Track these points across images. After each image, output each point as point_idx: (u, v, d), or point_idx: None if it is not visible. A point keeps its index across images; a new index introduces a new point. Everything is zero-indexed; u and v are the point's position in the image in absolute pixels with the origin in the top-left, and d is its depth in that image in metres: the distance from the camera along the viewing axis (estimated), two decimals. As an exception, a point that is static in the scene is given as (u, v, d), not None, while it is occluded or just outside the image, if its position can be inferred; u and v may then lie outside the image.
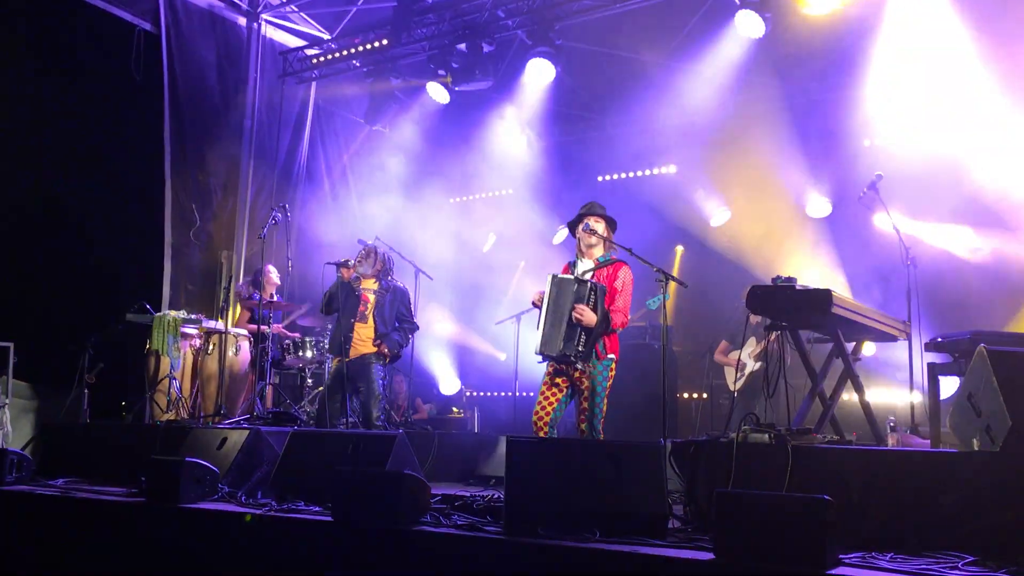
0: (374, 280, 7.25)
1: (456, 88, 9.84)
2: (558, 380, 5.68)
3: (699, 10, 9.37)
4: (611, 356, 5.64)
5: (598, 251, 5.84)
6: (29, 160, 8.53)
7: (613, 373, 5.67)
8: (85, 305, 8.52)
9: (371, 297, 7.16)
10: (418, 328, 7.59)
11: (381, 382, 7.01)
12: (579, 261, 5.90)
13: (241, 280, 8.65)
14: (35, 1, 8.68)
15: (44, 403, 8.21)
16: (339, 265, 7.15)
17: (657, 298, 8.06)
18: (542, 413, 5.63)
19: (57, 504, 5.22)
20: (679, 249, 10.54)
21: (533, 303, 5.83)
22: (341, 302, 7.16)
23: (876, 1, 8.32)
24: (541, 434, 5.57)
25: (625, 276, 5.73)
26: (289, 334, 8.74)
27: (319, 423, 7.02)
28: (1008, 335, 5.01)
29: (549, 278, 5.67)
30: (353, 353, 6.99)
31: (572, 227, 5.99)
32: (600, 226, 5.85)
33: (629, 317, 5.78)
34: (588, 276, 5.69)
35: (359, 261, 7.23)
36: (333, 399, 6.93)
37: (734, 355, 8.38)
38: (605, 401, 5.58)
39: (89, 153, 8.94)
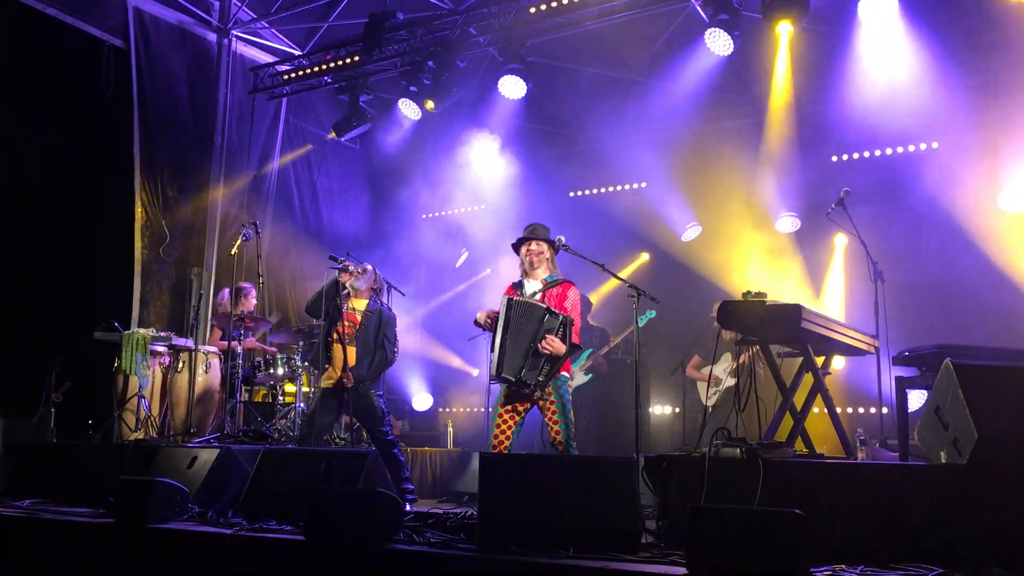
0: (365, 299, 7.02)
1: (437, 111, 9.83)
2: (516, 403, 5.64)
3: (669, 28, 9.46)
4: (564, 375, 5.64)
5: (543, 272, 5.88)
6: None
7: (571, 385, 5.73)
8: (52, 322, 8.41)
9: (358, 318, 6.88)
10: (392, 362, 7.05)
11: (380, 400, 6.82)
12: (525, 282, 5.91)
13: (226, 294, 8.50)
14: (1, 16, 8.60)
15: (9, 422, 8.07)
16: (341, 269, 6.87)
17: (647, 315, 8.11)
18: (501, 437, 5.59)
19: (24, 526, 5.14)
20: (644, 256, 10.63)
21: (476, 322, 5.81)
22: (327, 314, 6.91)
23: (844, 19, 8.45)
24: None
25: (574, 296, 5.77)
26: (267, 348, 8.69)
27: (303, 442, 6.75)
28: (974, 348, 5.08)
29: (505, 300, 5.65)
30: (334, 376, 6.73)
31: (516, 248, 6.03)
32: (543, 246, 5.89)
33: (580, 339, 5.79)
34: (537, 296, 5.71)
35: (356, 275, 6.99)
36: (321, 418, 6.68)
37: (706, 370, 8.43)
38: (571, 412, 5.60)
39: (57, 169, 8.85)
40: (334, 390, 6.72)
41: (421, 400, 11.63)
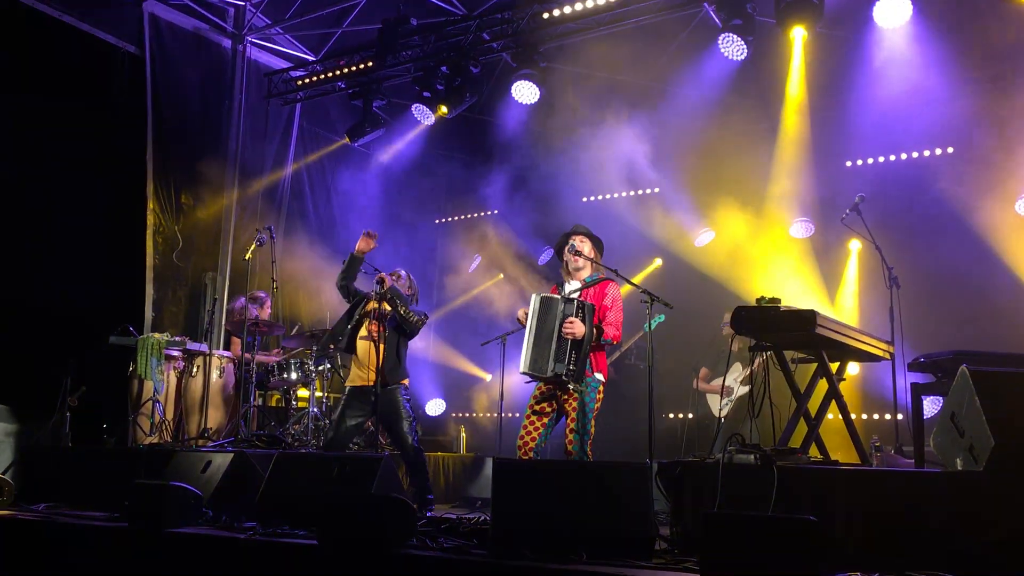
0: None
1: (449, 117, 9.86)
2: (544, 405, 5.66)
3: (682, 32, 9.45)
4: (599, 376, 5.61)
5: (585, 272, 5.86)
6: (10, 182, 8.47)
7: (602, 396, 5.63)
8: (67, 327, 8.45)
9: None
10: (425, 317, 6.98)
11: (407, 404, 6.68)
12: (566, 283, 5.91)
13: (241, 301, 8.49)
14: (16, 22, 8.66)
15: (25, 426, 8.11)
16: (380, 280, 6.85)
17: (656, 319, 8.10)
18: (528, 439, 5.60)
19: (39, 529, 5.16)
20: (657, 261, 10.62)
21: (518, 320, 5.83)
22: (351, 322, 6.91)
23: (859, 23, 8.43)
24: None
25: (614, 292, 5.77)
26: (272, 358, 8.70)
27: (329, 445, 6.64)
28: (990, 354, 5.04)
29: (534, 296, 5.67)
30: (371, 376, 6.59)
31: (559, 249, 6.02)
32: (586, 246, 5.87)
33: (621, 332, 5.78)
34: (575, 296, 5.70)
35: (394, 282, 6.99)
36: (347, 420, 6.57)
37: (716, 382, 8.40)
38: (593, 423, 5.54)
39: (70, 175, 8.90)
40: (362, 390, 6.63)
41: (434, 405, 11.64)
